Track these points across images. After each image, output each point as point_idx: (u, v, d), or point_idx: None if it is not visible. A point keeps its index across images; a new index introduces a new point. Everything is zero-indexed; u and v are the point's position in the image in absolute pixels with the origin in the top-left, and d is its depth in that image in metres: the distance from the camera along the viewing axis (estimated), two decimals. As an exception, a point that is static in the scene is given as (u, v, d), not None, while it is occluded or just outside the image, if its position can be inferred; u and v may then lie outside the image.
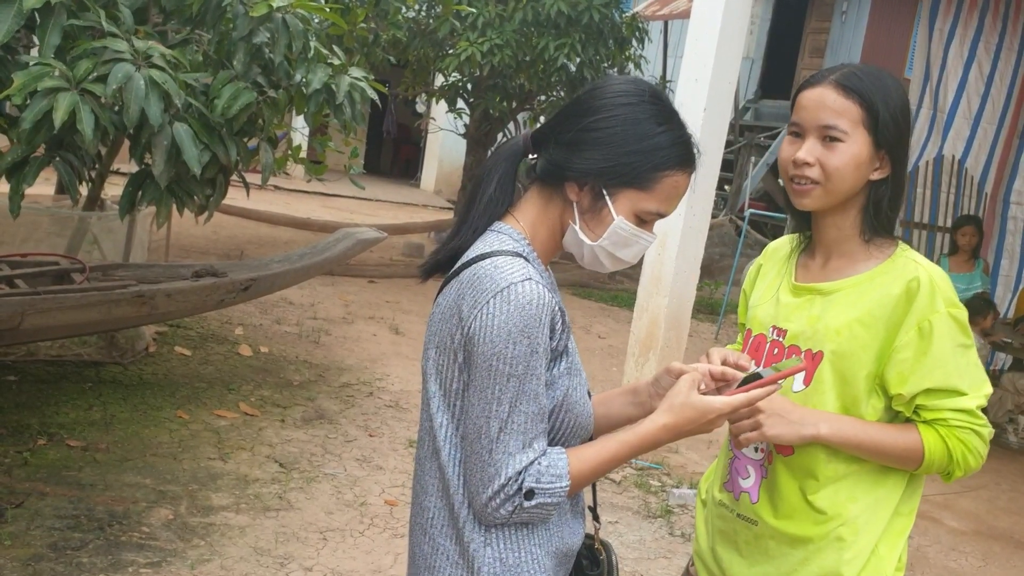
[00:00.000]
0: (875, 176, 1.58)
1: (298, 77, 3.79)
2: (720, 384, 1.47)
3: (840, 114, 1.55)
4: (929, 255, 7.78)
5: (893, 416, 1.62)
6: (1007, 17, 7.10)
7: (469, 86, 10.03)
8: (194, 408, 4.70)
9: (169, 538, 3.39)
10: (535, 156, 1.46)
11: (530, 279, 1.31)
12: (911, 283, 1.54)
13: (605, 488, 4.66)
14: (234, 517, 3.64)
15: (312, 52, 3.85)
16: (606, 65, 10.04)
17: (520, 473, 1.31)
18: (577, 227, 1.42)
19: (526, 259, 1.37)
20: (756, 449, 1.70)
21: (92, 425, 4.28)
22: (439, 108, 12.14)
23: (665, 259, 5.60)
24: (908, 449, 1.57)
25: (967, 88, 7.04)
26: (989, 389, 1.60)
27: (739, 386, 1.46)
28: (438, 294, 1.43)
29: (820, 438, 1.56)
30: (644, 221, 1.42)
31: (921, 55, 6.83)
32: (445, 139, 15.98)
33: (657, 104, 1.40)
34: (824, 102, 1.56)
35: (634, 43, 10.05)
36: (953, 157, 7.38)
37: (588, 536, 1.57)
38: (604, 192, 1.39)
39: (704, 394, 1.42)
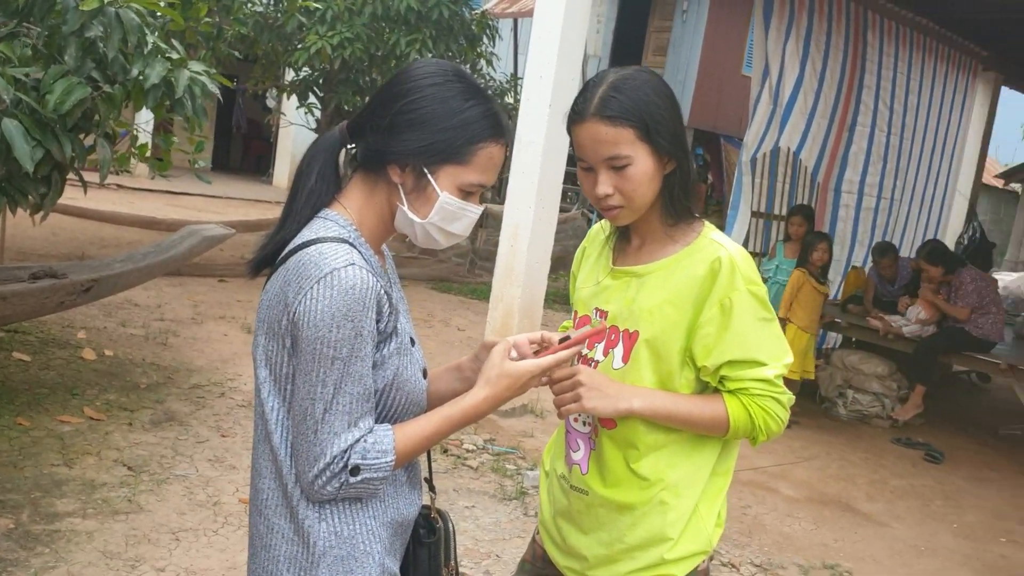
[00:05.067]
0: (667, 170, 1.70)
1: (135, 72, 3.69)
2: (539, 349, 1.59)
3: (616, 143, 1.62)
4: (766, 242, 8.25)
5: (705, 387, 1.76)
6: (831, 19, 7.58)
7: (320, 80, 9.94)
8: (35, 414, 4.51)
9: (10, 547, 3.27)
10: (353, 145, 1.52)
11: (353, 264, 1.37)
12: (714, 263, 1.67)
13: (462, 475, 4.76)
14: (81, 523, 3.53)
15: (150, 46, 3.76)
16: (458, 61, 10.15)
17: (346, 451, 1.37)
18: (406, 208, 1.48)
19: (352, 245, 1.42)
20: (584, 424, 1.81)
21: (-80, 438, 4.06)
22: (290, 103, 11.95)
23: (517, 251, 5.75)
24: (715, 418, 1.71)
25: (803, 84, 7.42)
26: (789, 359, 1.74)
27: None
28: (266, 282, 1.48)
29: (634, 411, 1.68)
30: (468, 193, 1.49)
31: (759, 53, 7.15)
32: (297, 134, 15.69)
33: (462, 82, 1.48)
34: (597, 137, 1.63)
35: (485, 40, 10.20)
36: (788, 149, 7.77)
37: (425, 506, 1.65)
38: (425, 170, 1.45)
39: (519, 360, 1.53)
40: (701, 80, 13.51)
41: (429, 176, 1.46)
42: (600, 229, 1.94)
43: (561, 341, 1.61)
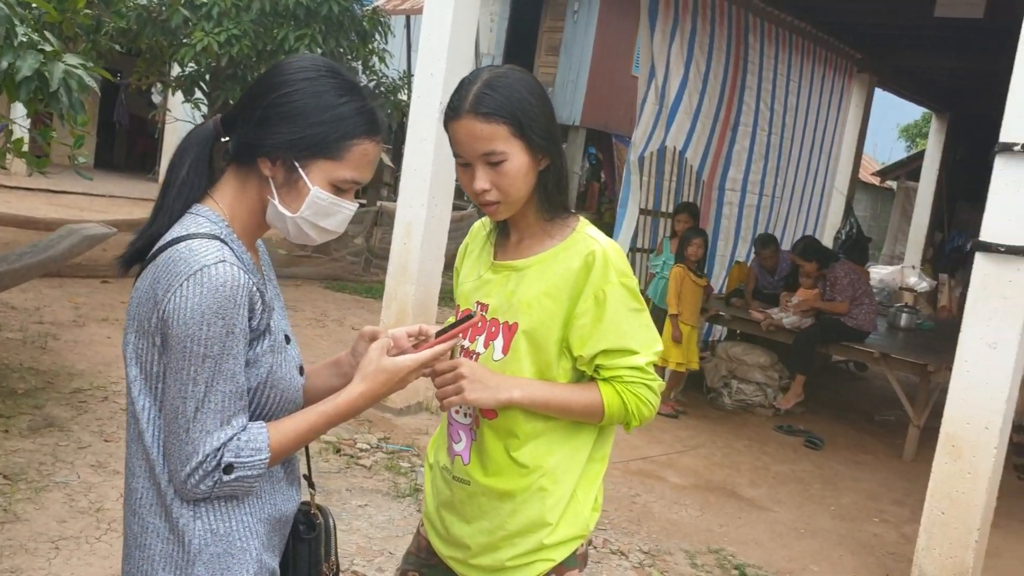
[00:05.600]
0: (542, 166, 1.76)
1: (4, 64, 3.55)
2: (418, 342, 1.61)
3: (491, 140, 1.67)
4: (654, 239, 8.46)
5: (581, 376, 1.82)
6: (714, 22, 7.82)
7: (207, 76, 9.70)
8: (-101, 425, 4.29)
9: None
10: (227, 139, 1.50)
11: (224, 261, 1.36)
12: (588, 257, 1.74)
13: (355, 474, 4.74)
14: (-50, 536, 3.39)
15: (21, 38, 3.62)
16: (349, 58, 10.07)
17: (219, 450, 1.37)
18: (276, 201, 1.48)
19: (223, 241, 1.42)
20: (466, 415, 1.86)
21: None
22: (176, 99, 11.62)
23: (411, 249, 5.75)
24: (590, 405, 1.77)
25: (687, 85, 7.62)
26: (659, 347, 1.82)
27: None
28: (136, 279, 1.46)
29: (515, 401, 1.73)
30: (341, 190, 1.50)
31: (645, 55, 7.30)
32: (183, 131, 15.25)
33: (336, 77, 1.48)
34: (473, 134, 1.67)
35: (377, 37, 10.14)
36: (675, 148, 7.98)
37: (305, 503, 1.66)
38: (296, 164, 1.45)
39: (397, 355, 1.55)
40: (593, 80, 13.72)
41: (300, 170, 1.46)
42: (481, 226, 1.98)
43: (439, 334, 1.63)
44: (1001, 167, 4.03)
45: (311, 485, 1.69)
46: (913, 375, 6.72)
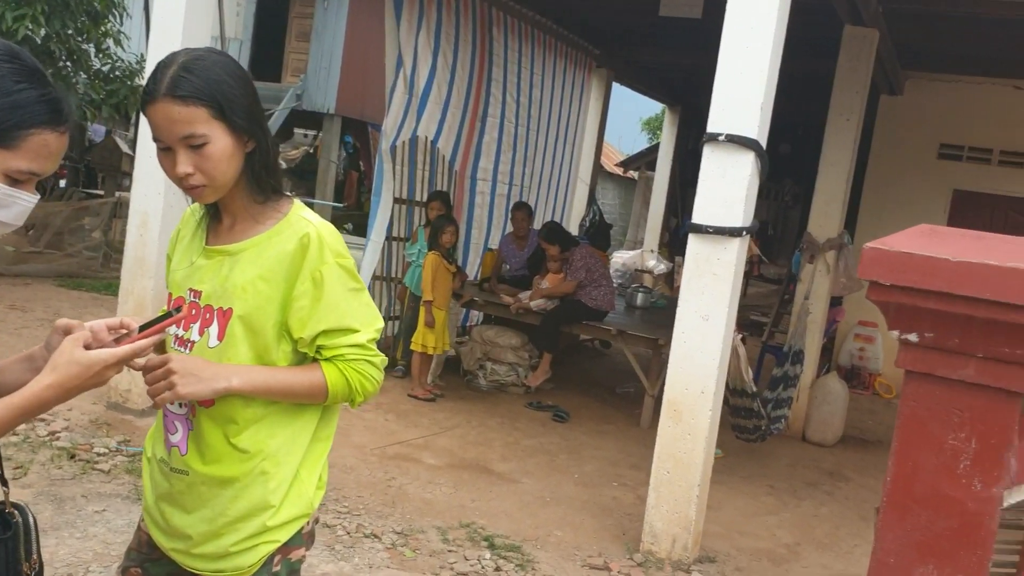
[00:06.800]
0: (248, 148, 1.77)
1: None
2: (120, 336, 1.58)
3: (191, 122, 1.65)
4: (409, 228, 8.55)
5: (302, 358, 1.85)
6: (459, 13, 7.99)
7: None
8: None
9: None
10: None
11: None
12: (303, 239, 1.77)
13: (92, 480, 4.50)
14: None
15: None
16: (80, 39, 9.42)
17: None
18: None
19: None
20: (180, 405, 1.83)
21: None
22: None
23: (148, 240, 5.50)
24: (313, 386, 1.80)
25: (436, 76, 7.74)
26: (380, 324, 1.88)
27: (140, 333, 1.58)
28: None
29: (232, 390, 1.73)
30: (18, 181, 1.43)
31: (392, 44, 7.32)
32: None
33: (15, 62, 1.41)
34: (171, 117, 1.65)
35: (111, 18, 9.55)
36: (426, 138, 8.09)
37: (-1, 502, 1.59)
38: None
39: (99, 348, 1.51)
40: (347, 67, 13.61)
41: None
42: (193, 211, 1.95)
43: (143, 328, 1.60)
44: (708, 155, 4.45)
45: (4, 483, 1.61)
46: (647, 349, 7.26)
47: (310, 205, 13.23)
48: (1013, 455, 1.30)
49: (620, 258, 12.75)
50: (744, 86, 4.31)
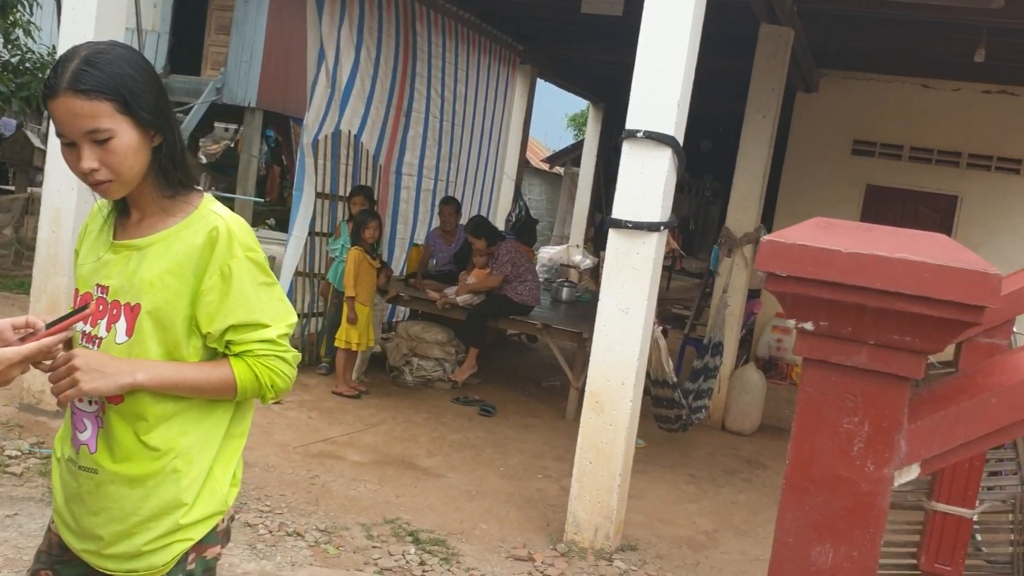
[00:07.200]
0: (155, 143, 1.74)
1: None
2: (25, 335, 1.55)
3: (94, 117, 1.63)
4: (332, 222, 8.46)
5: (214, 354, 1.83)
6: (381, 7, 7.93)
7: None
8: None
9: None
10: None
11: None
12: (211, 233, 1.75)
13: (4, 483, 4.37)
14: None
15: None
16: (-13, 29, 9.09)
17: None
18: None
19: None
20: (90, 402, 1.79)
21: None
22: None
23: (61, 237, 5.36)
24: (222, 382, 1.78)
25: (359, 70, 7.67)
26: (293, 319, 1.86)
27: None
28: None
29: (138, 385, 1.70)
30: None
31: (313, 38, 7.23)
32: None
33: None
34: (73, 111, 1.62)
35: (21, 8, 9.24)
36: (349, 132, 8.02)
37: None
38: None
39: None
40: (268, 60, 13.38)
41: None
42: (101, 206, 1.92)
43: (50, 326, 1.57)
44: (627, 151, 4.52)
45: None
46: (572, 343, 7.33)
47: (231, 200, 12.99)
48: (903, 437, 1.36)
49: (546, 253, 12.84)
50: (661, 83, 4.39)
